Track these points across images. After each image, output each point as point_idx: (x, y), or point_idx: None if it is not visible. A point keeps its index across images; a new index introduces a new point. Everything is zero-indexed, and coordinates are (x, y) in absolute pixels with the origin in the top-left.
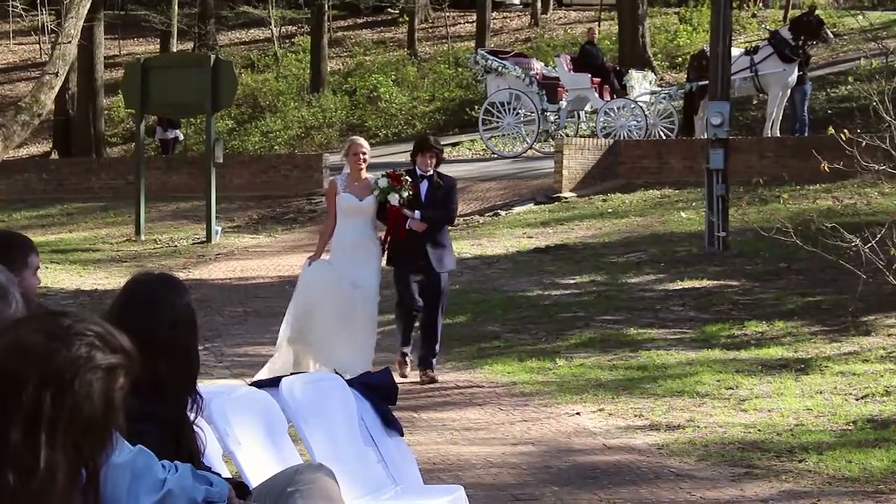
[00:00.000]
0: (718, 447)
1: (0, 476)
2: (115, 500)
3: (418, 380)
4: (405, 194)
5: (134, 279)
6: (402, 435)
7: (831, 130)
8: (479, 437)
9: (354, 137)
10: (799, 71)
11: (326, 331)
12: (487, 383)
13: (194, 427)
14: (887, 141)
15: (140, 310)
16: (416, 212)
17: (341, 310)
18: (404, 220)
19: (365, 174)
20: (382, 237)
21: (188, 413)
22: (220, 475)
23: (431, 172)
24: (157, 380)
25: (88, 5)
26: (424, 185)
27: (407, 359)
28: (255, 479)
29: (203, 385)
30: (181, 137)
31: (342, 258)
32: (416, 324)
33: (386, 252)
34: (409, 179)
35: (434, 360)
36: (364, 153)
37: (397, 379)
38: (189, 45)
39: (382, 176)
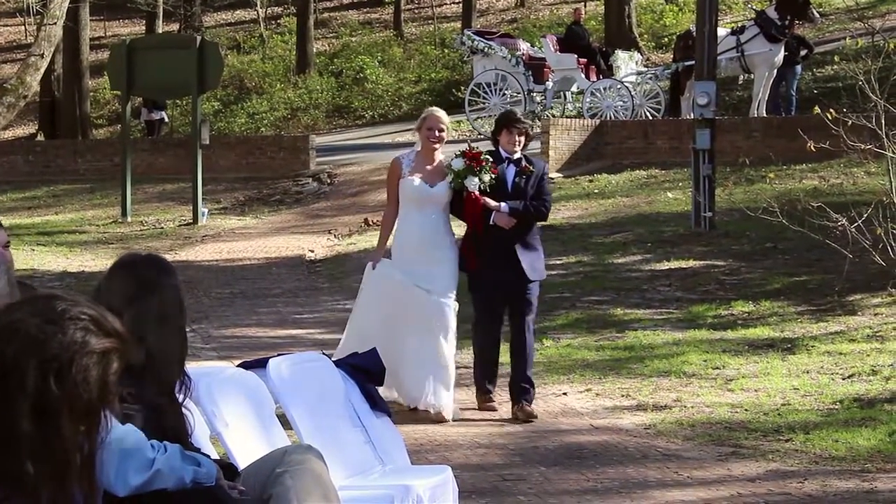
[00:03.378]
0: (705, 427)
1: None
2: (104, 479)
3: (511, 416)
4: (487, 178)
5: (121, 261)
6: (389, 415)
7: (817, 110)
8: (466, 419)
9: (432, 109)
10: (792, 52)
11: (402, 351)
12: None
13: (182, 409)
14: (873, 120)
15: (129, 291)
16: (503, 204)
17: (420, 323)
18: (484, 213)
19: (440, 155)
20: (465, 238)
21: (177, 395)
22: (208, 456)
23: (519, 155)
24: (144, 362)
25: None
26: (510, 171)
27: (491, 395)
28: (243, 461)
29: (190, 367)
30: (167, 119)
31: (408, 259)
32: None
33: (463, 255)
34: (491, 160)
35: (531, 389)
36: (442, 130)
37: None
38: (175, 27)
39: (457, 156)
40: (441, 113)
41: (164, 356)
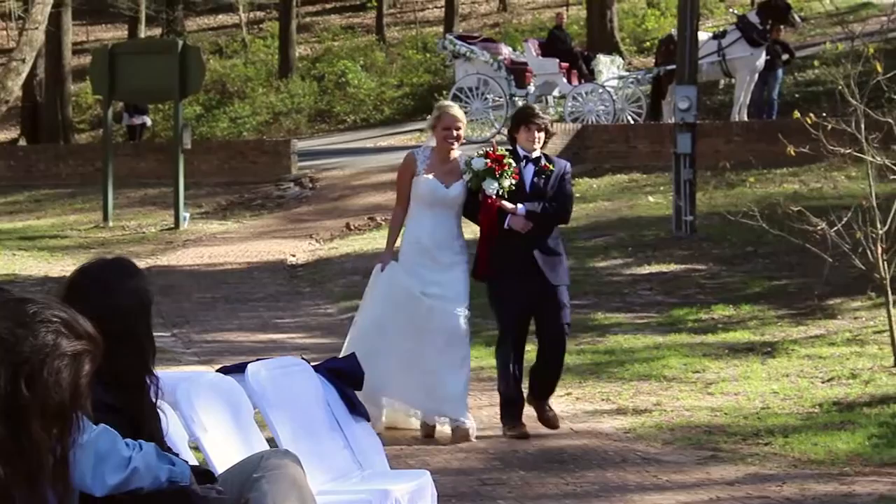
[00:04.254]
0: (685, 431)
1: None
2: (80, 480)
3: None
4: (507, 183)
5: (82, 266)
6: (368, 420)
7: (798, 114)
8: None
9: (446, 104)
10: (774, 56)
11: (405, 360)
12: None
13: (156, 410)
14: (853, 125)
15: (91, 295)
16: (520, 206)
17: (430, 334)
18: (500, 215)
19: (456, 155)
20: (479, 243)
21: (150, 398)
22: (186, 462)
23: (539, 153)
24: (112, 366)
25: None
26: (529, 170)
27: (522, 424)
28: (221, 466)
29: (170, 371)
30: (149, 123)
31: (416, 263)
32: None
33: (476, 262)
34: (514, 164)
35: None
36: (459, 128)
37: (507, 437)
38: (157, 31)
39: (479, 154)
40: (456, 109)
41: (130, 360)
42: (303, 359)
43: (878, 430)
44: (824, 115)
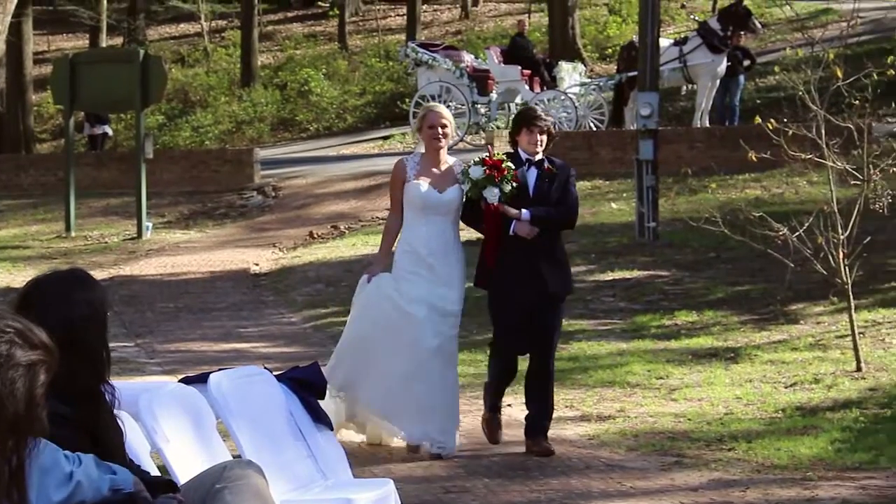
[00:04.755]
0: (649, 437)
1: None
2: None
3: (525, 450)
4: (508, 188)
5: (36, 278)
6: (331, 429)
7: (759, 120)
8: None
9: (430, 105)
10: (735, 62)
11: (388, 380)
12: None
13: (116, 420)
14: (814, 130)
15: (44, 306)
16: (524, 211)
17: (416, 348)
18: (503, 221)
19: (446, 156)
20: (484, 250)
21: (107, 408)
22: (148, 472)
23: (541, 156)
24: (66, 377)
25: (16, 1)
26: (532, 174)
27: (500, 416)
28: (183, 476)
29: (132, 382)
30: (110, 133)
31: (413, 272)
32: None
33: (480, 269)
34: (513, 167)
35: (548, 425)
36: (445, 126)
37: (486, 444)
38: (118, 41)
39: (476, 163)
40: (441, 108)
41: (83, 371)
42: (265, 368)
43: (841, 435)
44: (785, 120)
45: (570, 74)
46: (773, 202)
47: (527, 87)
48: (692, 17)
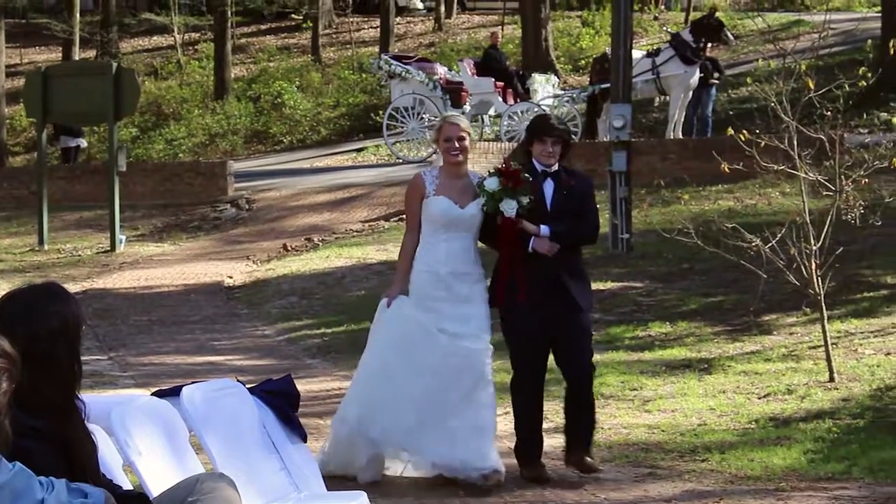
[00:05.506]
0: (622, 448)
1: None
2: None
3: (569, 471)
4: (525, 201)
5: (10, 292)
6: (305, 441)
7: (731, 131)
8: None
9: (448, 115)
10: (706, 73)
11: (414, 411)
12: None
13: (88, 434)
14: (786, 141)
15: (16, 319)
16: (543, 227)
17: (449, 377)
18: (521, 238)
19: (466, 169)
20: (498, 269)
21: (79, 422)
22: (120, 486)
23: (557, 167)
24: (36, 391)
25: None
26: (549, 186)
27: (542, 465)
28: (156, 490)
29: (104, 395)
30: (83, 146)
31: (431, 295)
32: None
33: (494, 288)
34: (530, 178)
35: (591, 443)
36: (463, 138)
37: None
38: (91, 54)
39: (491, 174)
40: (459, 118)
41: (53, 384)
42: (238, 381)
43: (814, 445)
44: (757, 132)
45: (543, 86)
46: (745, 213)
47: (500, 99)
48: (665, 28)
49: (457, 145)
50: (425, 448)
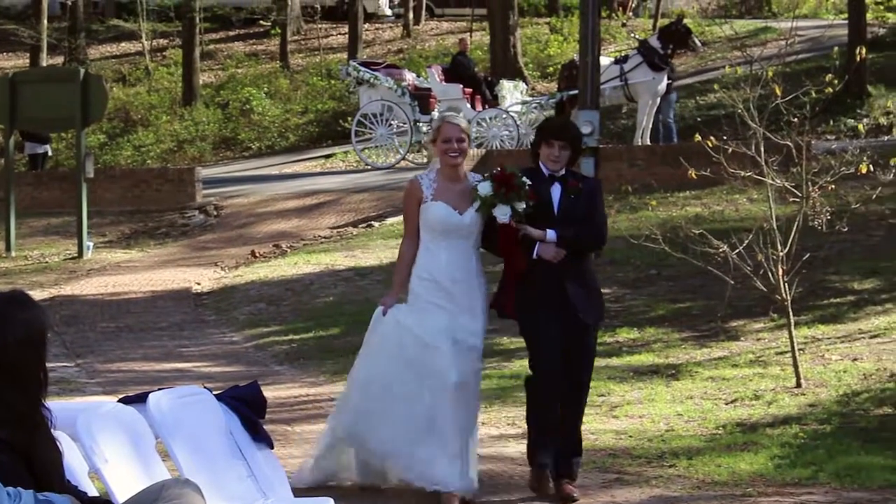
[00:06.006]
0: (590, 454)
1: None
2: None
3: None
4: (521, 206)
5: None
6: (271, 448)
7: (698, 138)
8: None
9: (446, 115)
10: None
11: (408, 423)
12: None
13: (54, 441)
14: (753, 148)
15: None
16: (549, 232)
17: (438, 384)
18: (524, 243)
19: (465, 172)
20: (504, 276)
21: (45, 430)
22: (86, 493)
23: (564, 171)
24: (2, 401)
25: None
26: (556, 190)
27: (548, 471)
28: (122, 497)
29: (70, 402)
30: (50, 152)
31: (432, 302)
32: None
33: (501, 297)
34: (527, 181)
35: (577, 464)
36: (462, 140)
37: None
38: (59, 60)
39: (485, 178)
40: (458, 118)
41: (19, 393)
42: (205, 388)
43: (781, 451)
44: (725, 138)
45: (511, 93)
46: (713, 219)
47: (469, 106)
48: (633, 35)
49: (456, 147)
50: (409, 461)
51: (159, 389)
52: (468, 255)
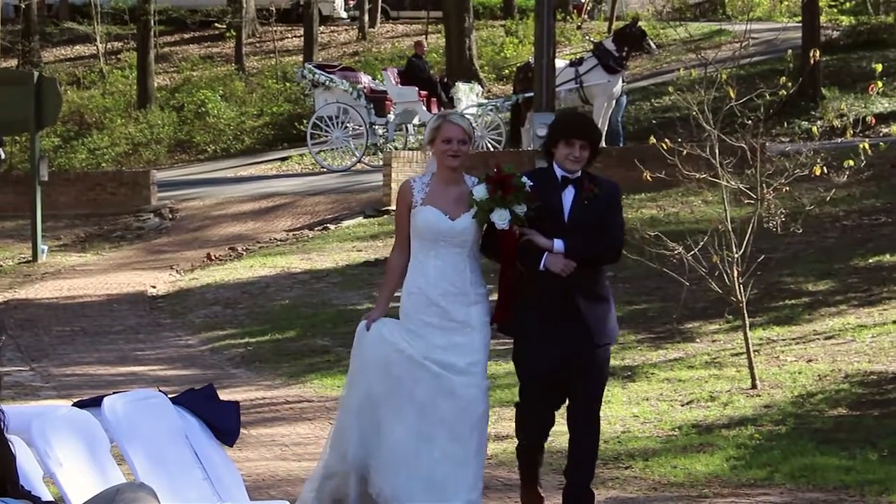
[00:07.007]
0: (546, 456)
1: None
2: None
3: None
4: (521, 209)
5: None
6: (232, 445)
7: (653, 140)
8: (308, 452)
9: (446, 113)
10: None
11: (401, 447)
12: (317, 398)
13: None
14: (708, 150)
15: None
16: (556, 241)
17: (425, 410)
18: (529, 252)
19: (463, 176)
20: (503, 286)
21: None
22: (40, 498)
23: (580, 174)
24: None
25: None
26: (569, 195)
27: (540, 490)
28: (77, 501)
29: (24, 406)
30: (3, 156)
31: (422, 318)
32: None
33: (500, 309)
34: (528, 183)
35: (586, 496)
36: (464, 142)
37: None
38: (13, 62)
39: (481, 180)
40: (459, 118)
41: None
42: (160, 391)
43: (736, 452)
44: (680, 140)
45: (467, 95)
46: (668, 221)
47: (424, 108)
48: (588, 38)
49: (456, 148)
50: (399, 487)
51: (114, 393)
52: (461, 265)
